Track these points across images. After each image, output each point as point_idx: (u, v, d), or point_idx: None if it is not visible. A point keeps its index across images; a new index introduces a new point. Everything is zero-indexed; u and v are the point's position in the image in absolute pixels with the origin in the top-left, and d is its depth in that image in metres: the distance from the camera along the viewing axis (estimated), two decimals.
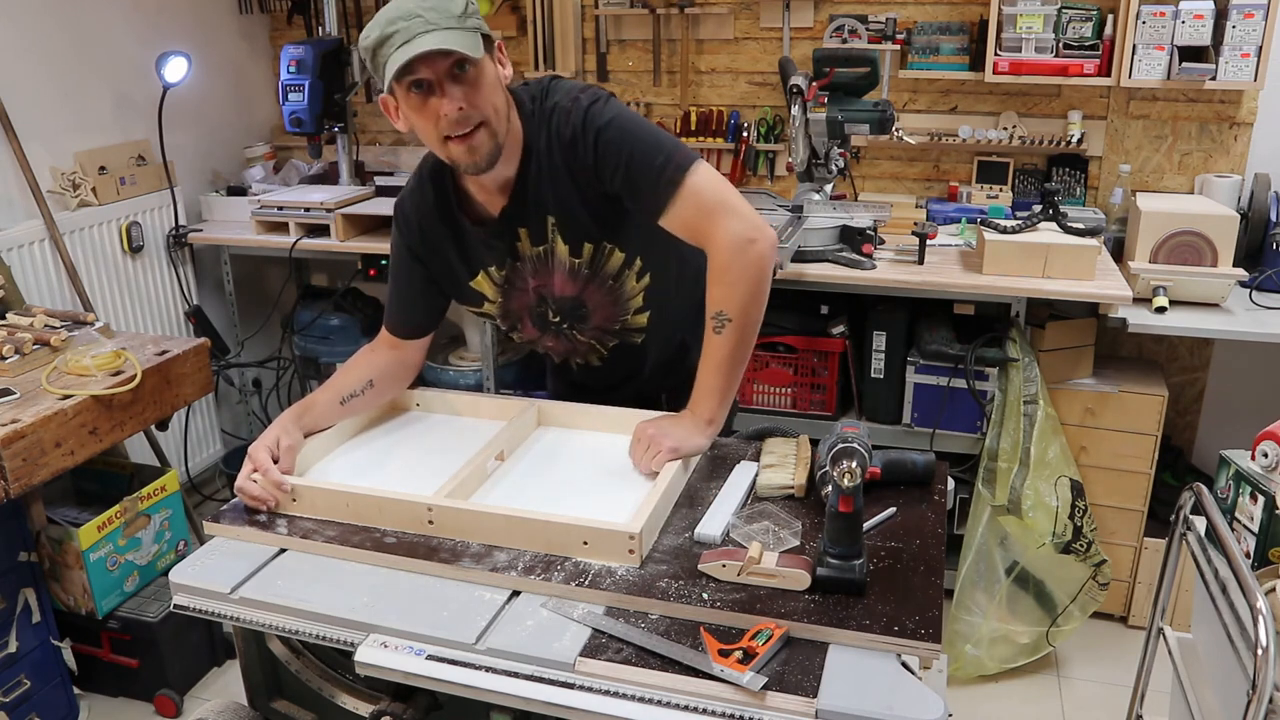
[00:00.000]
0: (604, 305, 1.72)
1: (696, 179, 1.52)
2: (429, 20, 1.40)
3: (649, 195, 1.53)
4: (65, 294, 2.86)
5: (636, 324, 1.78)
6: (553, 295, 1.71)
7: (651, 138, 1.53)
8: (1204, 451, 3.09)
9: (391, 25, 1.41)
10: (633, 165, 1.52)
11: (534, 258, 1.67)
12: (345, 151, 3.33)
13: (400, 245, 1.73)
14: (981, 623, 2.55)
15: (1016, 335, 2.60)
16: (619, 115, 1.54)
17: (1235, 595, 1.44)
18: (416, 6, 1.40)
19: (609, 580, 1.30)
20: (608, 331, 1.77)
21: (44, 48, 2.83)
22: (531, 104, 1.58)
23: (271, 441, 1.56)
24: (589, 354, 1.84)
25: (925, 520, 1.45)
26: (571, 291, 1.70)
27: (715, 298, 1.56)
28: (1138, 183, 2.98)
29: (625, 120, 1.54)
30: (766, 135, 3.24)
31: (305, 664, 1.51)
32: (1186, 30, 2.63)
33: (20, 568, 2.28)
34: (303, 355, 3.39)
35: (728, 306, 1.55)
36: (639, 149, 1.51)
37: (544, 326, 1.79)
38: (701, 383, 1.59)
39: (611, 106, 1.55)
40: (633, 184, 1.53)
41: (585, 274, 1.67)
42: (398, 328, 1.77)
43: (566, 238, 1.63)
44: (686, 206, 1.52)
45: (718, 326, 1.55)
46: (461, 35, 1.42)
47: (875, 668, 1.16)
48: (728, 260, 1.54)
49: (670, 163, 1.51)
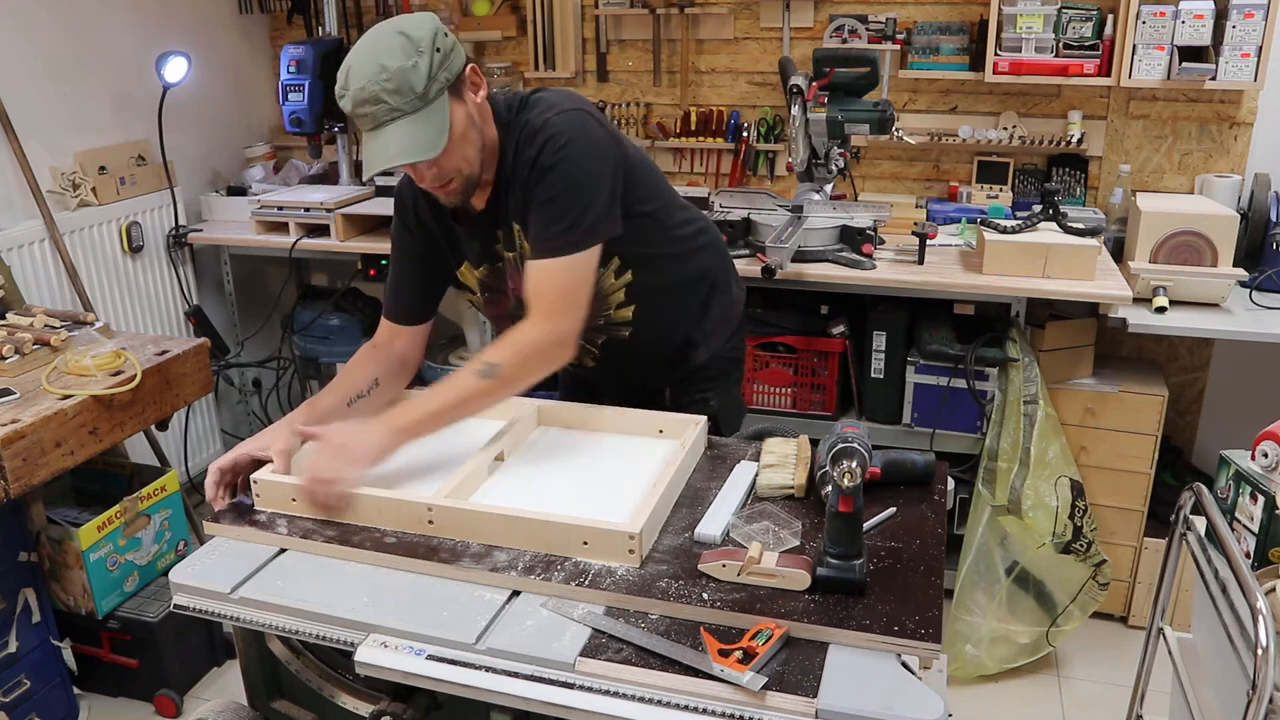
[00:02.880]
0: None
1: (574, 261, 1.56)
2: (392, 106, 1.46)
3: (535, 240, 1.58)
4: (65, 294, 2.86)
5: (621, 318, 1.80)
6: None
7: (576, 201, 1.55)
8: (1204, 451, 3.09)
9: (359, 107, 1.47)
10: (544, 210, 1.56)
11: (511, 261, 1.71)
12: (345, 151, 3.33)
13: (399, 224, 1.76)
14: (981, 623, 2.55)
15: (1016, 335, 2.60)
16: (569, 160, 1.54)
17: (1235, 595, 1.44)
18: (379, 88, 1.45)
19: (609, 580, 1.30)
20: (593, 329, 1.78)
21: (44, 48, 2.83)
22: (507, 113, 1.62)
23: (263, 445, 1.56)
24: (581, 355, 1.84)
25: (925, 520, 1.45)
26: None
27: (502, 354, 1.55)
28: (1138, 183, 2.98)
29: (571, 167, 1.54)
30: (766, 135, 3.24)
31: (305, 664, 1.51)
32: (1186, 30, 2.63)
33: (20, 568, 2.28)
34: (303, 355, 3.39)
35: (508, 367, 1.54)
36: (560, 203, 1.55)
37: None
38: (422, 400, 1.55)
39: (569, 147, 1.55)
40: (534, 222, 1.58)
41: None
42: (398, 311, 1.78)
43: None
44: (545, 273, 1.57)
45: (485, 373, 1.53)
46: (425, 126, 1.47)
47: (875, 668, 1.16)
48: (537, 342, 1.56)
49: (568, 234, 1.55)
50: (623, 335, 1.82)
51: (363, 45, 1.49)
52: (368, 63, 1.46)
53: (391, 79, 1.45)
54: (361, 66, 1.47)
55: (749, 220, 2.81)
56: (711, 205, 2.98)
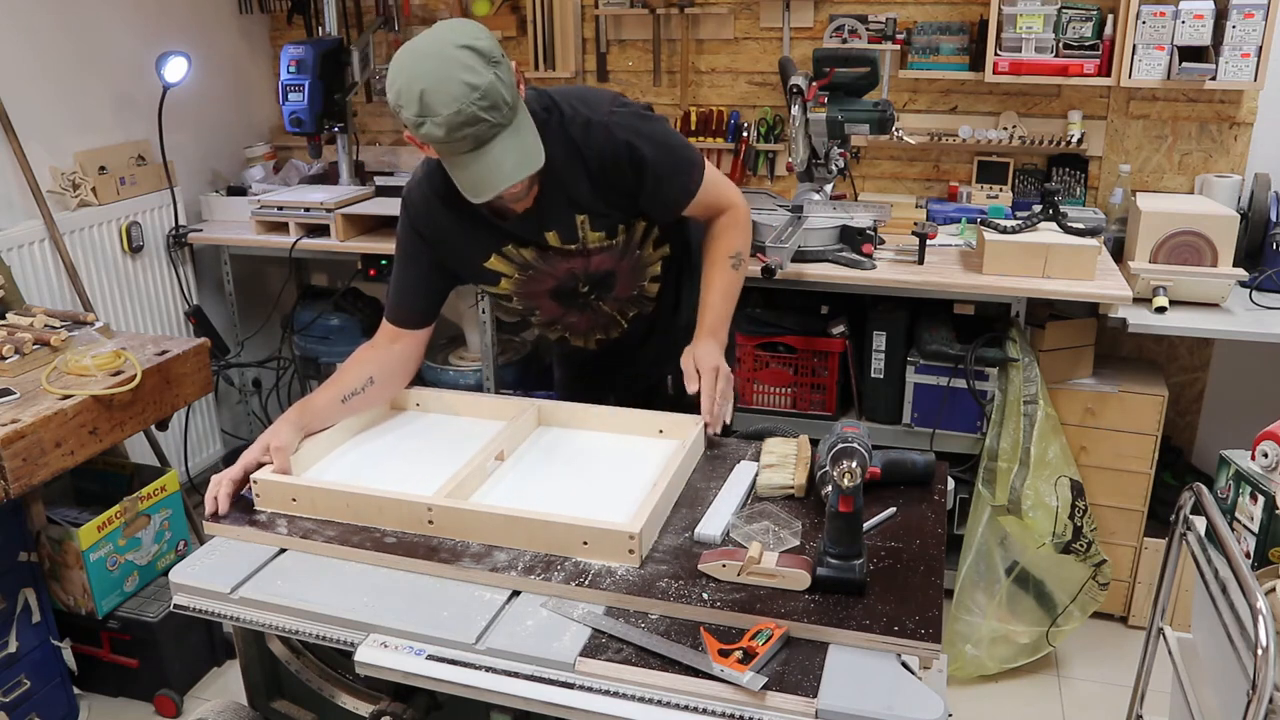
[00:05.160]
0: (628, 273, 1.83)
1: (708, 179, 1.77)
2: (493, 122, 1.45)
3: (674, 204, 1.76)
4: (65, 294, 2.86)
5: (650, 292, 1.90)
6: (587, 271, 1.79)
7: (676, 153, 1.72)
8: (1204, 451, 3.09)
9: (455, 131, 1.43)
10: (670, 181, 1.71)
11: (565, 251, 1.73)
12: (345, 151, 3.33)
13: (407, 228, 1.75)
14: (981, 623, 2.55)
15: (1016, 335, 2.60)
16: (650, 138, 1.67)
17: (1235, 595, 1.44)
18: (475, 108, 1.42)
19: (609, 580, 1.30)
20: (628, 300, 1.87)
21: (44, 48, 2.83)
22: (545, 114, 1.62)
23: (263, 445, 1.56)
24: (610, 326, 1.91)
25: (925, 520, 1.45)
26: (608, 265, 1.80)
27: (732, 242, 1.80)
28: (1138, 183, 2.98)
29: (655, 141, 1.67)
30: (766, 135, 3.24)
31: (305, 664, 1.51)
32: (1186, 30, 2.63)
33: (20, 568, 2.28)
34: (303, 355, 3.39)
35: (743, 245, 1.82)
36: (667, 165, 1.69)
37: (570, 301, 1.85)
38: (718, 311, 1.76)
39: (643, 131, 1.66)
40: (662, 196, 1.73)
41: (620, 249, 1.78)
42: (400, 316, 1.78)
43: (598, 227, 1.72)
44: (703, 200, 1.78)
45: (735, 263, 1.79)
46: (525, 135, 1.50)
47: (875, 668, 1.16)
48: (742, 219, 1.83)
49: (692, 176, 1.74)
50: (649, 310, 1.91)
51: (427, 63, 1.43)
52: (450, 84, 1.40)
53: (484, 96, 1.41)
54: (444, 89, 1.41)
55: None
56: None
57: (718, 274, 1.78)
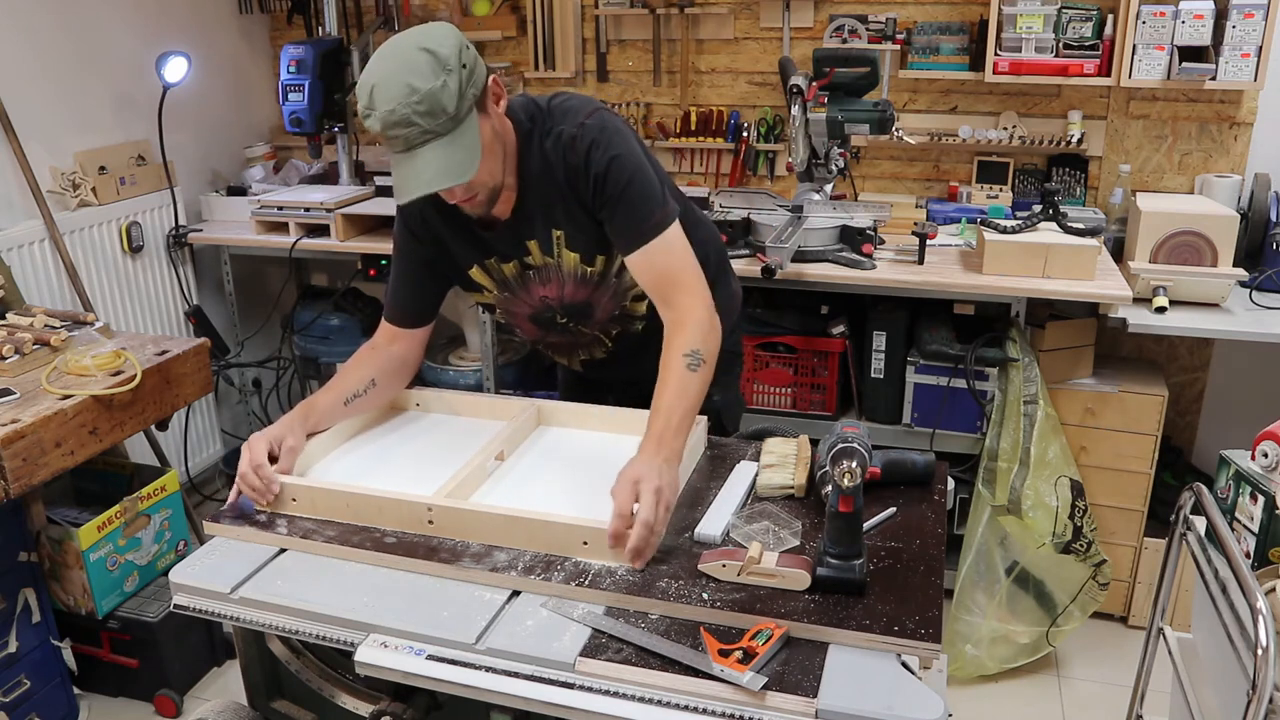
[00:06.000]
0: (607, 301, 1.77)
1: (669, 236, 1.60)
2: (425, 129, 1.42)
3: (625, 234, 1.60)
4: (65, 294, 2.86)
5: (636, 311, 1.81)
6: (563, 302, 1.75)
7: (642, 188, 1.58)
8: (1204, 451, 3.09)
9: (389, 129, 1.42)
10: (619, 208, 1.58)
11: (543, 267, 1.71)
12: (345, 151, 3.33)
13: (402, 228, 1.75)
14: (981, 623, 2.55)
15: (1016, 335, 2.60)
16: (618, 157, 1.57)
17: (1235, 595, 1.44)
18: (410, 111, 1.40)
19: (609, 580, 1.30)
20: (609, 320, 1.81)
21: (44, 48, 2.83)
22: (530, 124, 1.61)
23: (275, 437, 1.56)
24: (594, 346, 1.87)
25: (925, 520, 1.45)
26: (582, 296, 1.74)
27: (688, 339, 1.54)
28: (1138, 183, 2.98)
29: (623, 162, 1.57)
30: (766, 135, 3.24)
31: (305, 664, 1.51)
32: (1186, 30, 2.63)
33: (20, 568, 2.28)
34: (303, 355, 3.39)
35: (705, 349, 1.55)
36: (631, 194, 1.57)
37: (548, 327, 1.82)
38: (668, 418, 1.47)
39: (612, 145, 1.57)
40: (616, 220, 1.60)
41: (596, 280, 1.72)
42: (399, 315, 1.78)
43: (574, 248, 1.67)
44: (659, 257, 1.60)
45: (692, 364, 1.52)
46: (458, 147, 1.45)
47: (875, 668, 1.16)
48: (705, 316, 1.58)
49: (651, 210, 1.58)
50: (636, 329, 1.84)
51: (385, 62, 1.43)
52: (394, 83, 1.40)
53: (423, 101, 1.40)
54: (388, 86, 1.41)
55: (749, 220, 2.81)
56: (711, 205, 2.98)
57: (671, 375, 1.51)
